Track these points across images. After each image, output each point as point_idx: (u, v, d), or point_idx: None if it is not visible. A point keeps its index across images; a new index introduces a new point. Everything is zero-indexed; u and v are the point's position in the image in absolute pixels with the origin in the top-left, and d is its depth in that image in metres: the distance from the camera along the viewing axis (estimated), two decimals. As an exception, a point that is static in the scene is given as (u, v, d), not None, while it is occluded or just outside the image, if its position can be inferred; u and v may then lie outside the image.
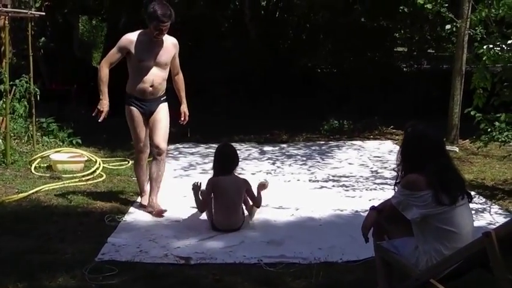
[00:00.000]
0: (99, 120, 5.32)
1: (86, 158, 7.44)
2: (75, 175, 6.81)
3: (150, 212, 5.39)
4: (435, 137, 3.36)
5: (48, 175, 6.84)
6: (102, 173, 6.95)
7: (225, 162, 5.12)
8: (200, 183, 5.08)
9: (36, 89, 8.29)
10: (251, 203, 5.15)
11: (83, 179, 6.67)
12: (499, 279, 2.84)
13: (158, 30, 5.14)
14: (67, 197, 5.89)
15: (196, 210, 5.27)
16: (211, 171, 5.25)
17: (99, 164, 7.23)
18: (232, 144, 5.88)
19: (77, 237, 4.69)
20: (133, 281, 3.84)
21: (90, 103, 11.64)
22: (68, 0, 13.46)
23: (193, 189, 5.08)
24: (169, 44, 5.40)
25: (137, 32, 5.33)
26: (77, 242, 4.56)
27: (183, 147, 9.00)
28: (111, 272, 3.93)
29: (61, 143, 8.56)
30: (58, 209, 5.50)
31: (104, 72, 5.35)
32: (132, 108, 5.39)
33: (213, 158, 5.31)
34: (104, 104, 5.35)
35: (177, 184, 6.56)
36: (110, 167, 7.43)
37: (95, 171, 6.96)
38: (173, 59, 5.48)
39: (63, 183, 6.40)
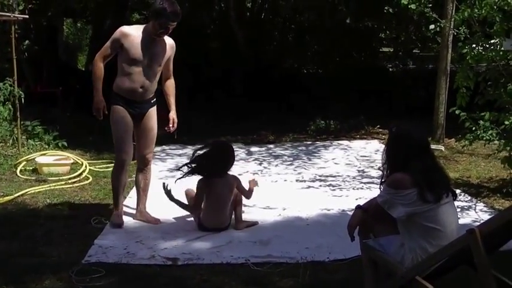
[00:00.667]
0: (100, 118, 5.02)
1: (72, 161, 7.41)
2: (61, 178, 6.78)
3: (143, 221, 5.20)
4: (419, 136, 3.39)
5: (33, 178, 6.81)
6: (89, 176, 6.93)
7: (226, 163, 5.00)
8: (167, 185, 4.96)
9: (21, 92, 8.24)
10: (243, 199, 5.11)
11: (69, 181, 6.65)
12: (483, 275, 2.87)
13: (164, 29, 4.79)
14: (53, 200, 5.87)
15: (183, 211, 5.25)
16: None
17: (86, 166, 7.21)
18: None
19: (64, 240, 4.67)
20: (121, 282, 3.83)
21: (76, 106, 11.69)
22: (52, 3, 13.36)
23: (166, 193, 4.94)
24: (167, 45, 5.01)
25: (135, 26, 5.00)
26: (63, 245, 4.55)
27: (170, 149, 8.98)
28: (98, 274, 3.93)
29: (46, 146, 8.52)
30: (44, 212, 5.48)
31: (98, 66, 4.90)
32: (120, 108, 4.93)
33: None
34: (99, 102, 4.95)
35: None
36: (97, 169, 7.40)
37: (81, 174, 6.94)
38: (168, 61, 5.10)
39: (49, 186, 6.37)
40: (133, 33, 4.87)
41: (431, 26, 6.66)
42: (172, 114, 5.28)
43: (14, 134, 8.33)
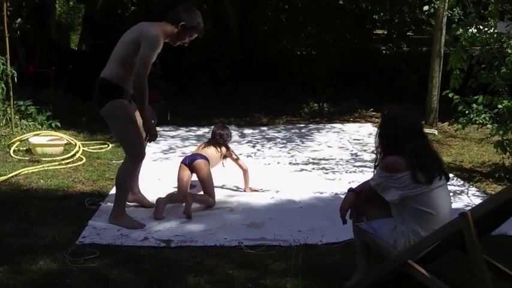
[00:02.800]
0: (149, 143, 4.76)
1: (65, 141, 7.39)
2: (54, 158, 6.77)
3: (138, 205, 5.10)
4: (411, 119, 3.41)
5: (27, 158, 6.79)
6: (82, 157, 6.91)
7: None
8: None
9: (14, 71, 8.17)
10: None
11: (63, 162, 6.64)
12: (475, 259, 2.90)
13: (189, 40, 4.69)
14: (47, 181, 5.86)
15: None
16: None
17: (79, 147, 7.19)
18: (212, 127, 5.92)
19: (57, 221, 4.67)
20: (115, 263, 3.84)
21: (68, 86, 11.63)
22: (44, -19, 13.25)
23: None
24: None
25: (160, 29, 4.53)
26: (57, 226, 4.55)
27: (163, 131, 8.96)
28: (92, 255, 3.94)
29: (40, 126, 8.49)
30: (38, 193, 5.47)
31: (146, 84, 4.40)
32: (126, 102, 4.56)
33: (193, 141, 5.26)
34: (153, 127, 4.62)
35: (157, 167, 6.56)
36: (90, 150, 7.39)
37: (74, 155, 6.93)
38: None
39: (43, 167, 6.36)
40: (162, 40, 4.55)
41: (426, 7, 6.64)
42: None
43: (7, 114, 8.28)
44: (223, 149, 5.45)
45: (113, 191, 5.45)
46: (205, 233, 4.46)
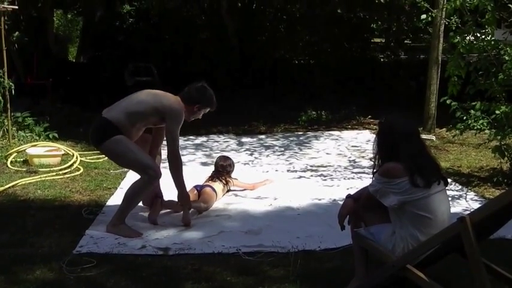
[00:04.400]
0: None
1: (62, 152, 7.38)
2: (52, 169, 6.75)
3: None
4: (408, 125, 3.42)
5: (24, 169, 6.78)
6: (80, 167, 6.90)
7: None
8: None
9: (11, 83, 8.18)
10: None
11: (60, 172, 6.62)
12: (473, 263, 2.88)
13: (201, 115, 5.01)
14: (44, 191, 5.85)
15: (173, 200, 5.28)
16: (189, 164, 5.25)
17: (77, 157, 7.18)
18: (211, 136, 5.94)
19: (55, 231, 4.65)
20: (112, 272, 3.82)
21: (66, 97, 11.66)
22: (42, -6, 13.33)
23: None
24: None
25: (182, 106, 4.79)
26: (54, 235, 4.53)
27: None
28: (89, 264, 3.91)
29: (37, 137, 8.48)
30: (35, 203, 5.46)
31: (180, 159, 4.81)
32: (120, 136, 4.60)
33: (191, 150, 5.29)
34: (188, 197, 4.88)
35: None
36: (88, 160, 7.37)
37: (72, 165, 6.91)
38: None
39: (40, 177, 6.34)
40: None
41: (423, 16, 6.66)
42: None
43: (5, 126, 8.29)
44: (227, 179, 5.76)
45: (111, 201, 5.48)
46: (203, 240, 4.44)
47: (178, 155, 4.74)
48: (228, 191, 5.79)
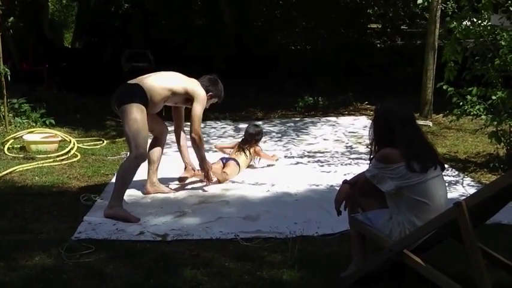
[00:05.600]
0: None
1: (59, 138, 7.37)
2: (49, 155, 6.75)
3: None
4: (403, 110, 3.43)
5: (21, 156, 6.78)
6: (77, 153, 6.90)
7: None
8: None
9: (7, 69, 8.14)
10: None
11: (58, 159, 6.62)
12: (470, 248, 2.90)
13: (209, 104, 5.37)
14: (42, 178, 5.85)
15: (170, 188, 5.40)
16: (188, 150, 5.30)
17: (74, 144, 7.18)
18: (208, 122, 5.97)
19: (53, 217, 4.66)
20: (111, 258, 3.84)
21: (62, 83, 11.61)
22: (36, -21, 13.23)
23: None
24: None
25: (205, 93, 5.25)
26: (52, 222, 4.54)
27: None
28: (88, 250, 3.93)
29: (34, 124, 8.47)
30: (33, 189, 5.46)
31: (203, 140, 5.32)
32: (143, 107, 4.86)
33: (188, 137, 5.34)
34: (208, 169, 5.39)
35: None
36: (85, 146, 7.38)
37: (69, 151, 6.91)
38: None
39: (38, 164, 6.35)
40: None
41: (420, 1, 6.64)
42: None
43: (1, 112, 8.26)
44: (253, 150, 6.27)
45: (109, 187, 5.46)
46: (201, 226, 4.46)
47: (201, 135, 5.18)
48: (251, 162, 6.32)
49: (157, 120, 5.37)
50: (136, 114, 4.79)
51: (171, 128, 5.60)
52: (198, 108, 5.09)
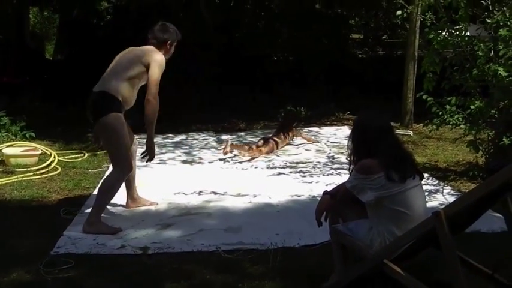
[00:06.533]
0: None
1: (40, 152, 7.31)
2: (29, 169, 6.68)
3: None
4: (380, 121, 3.45)
5: (0, 170, 6.70)
6: (57, 166, 6.85)
7: None
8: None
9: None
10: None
11: (38, 172, 6.56)
12: (449, 256, 2.92)
13: (173, 49, 5.06)
14: (21, 192, 5.79)
15: (151, 201, 5.33)
16: (169, 162, 5.26)
17: (54, 157, 7.12)
18: (190, 133, 5.92)
19: (32, 232, 4.61)
20: (91, 273, 3.80)
21: (43, 96, 11.53)
22: (17, -9, 13.17)
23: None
24: None
25: (161, 54, 4.89)
26: (31, 236, 4.49)
27: (140, 138, 8.87)
28: (67, 265, 3.88)
29: (14, 137, 8.37)
30: (12, 203, 5.41)
31: (157, 105, 4.74)
32: (121, 115, 4.73)
33: (170, 148, 5.30)
34: (154, 150, 4.96)
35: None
36: (66, 159, 7.32)
37: (49, 165, 6.85)
38: None
39: (17, 178, 6.28)
40: None
41: (399, 12, 6.71)
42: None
43: (-20, 126, 8.18)
44: (291, 132, 8.21)
45: (89, 200, 5.40)
46: (182, 239, 4.43)
47: (157, 98, 4.70)
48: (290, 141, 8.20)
49: (128, 130, 5.02)
50: (115, 124, 4.65)
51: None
52: (155, 72, 4.71)
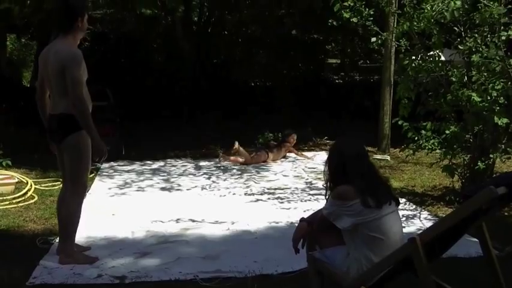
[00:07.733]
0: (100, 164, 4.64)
1: (16, 180, 7.23)
2: (5, 198, 6.60)
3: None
4: (355, 147, 3.48)
5: (-24, 199, 6.61)
6: (34, 195, 6.78)
7: None
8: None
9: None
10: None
11: (14, 201, 6.48)
12: (424, 282, 2.95)
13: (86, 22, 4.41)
14: (-4, 221, 5.72)
15: (131, 228, 5.28)
16: (148, 189, 5.21)
17: (31, 185, 7.05)
18: (168, 160, 5.90)
19: (7, 261, 4.53)
20: (67, 303, 3.76)
21: (20, 123, 11.42)
22: (-7, 19, 13.10)
23: None
24: None
25: (70, 43, 4.38)
26: (7, 266, 4.41)
27: (118, 165, 8.88)
28: (43, 295, 3.84)
29: (-10, 166, 8.29)
30: (-13, 233, 5.33)
31: (86, 101, 4.34)
32: (86, 134, 4.39)
33: (148, 175, 5.27)
34: (103, 145, 4.41)
35: (113, 203, 6.47)
36: (43, 188, 7.25)
37: (26, 193, 6.78)
38: None
39: (-8, 207, 6.20)
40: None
41: (373, 39, 6.81)
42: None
43: (-45, 155, 8.07)
44: (286, 148, 9.55)
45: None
46: (160, 267, 4.40)
47: (82, 98, 4.27)
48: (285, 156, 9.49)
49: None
50: (84, 141, 4.37)
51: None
52: (72, 71, 4.23)
